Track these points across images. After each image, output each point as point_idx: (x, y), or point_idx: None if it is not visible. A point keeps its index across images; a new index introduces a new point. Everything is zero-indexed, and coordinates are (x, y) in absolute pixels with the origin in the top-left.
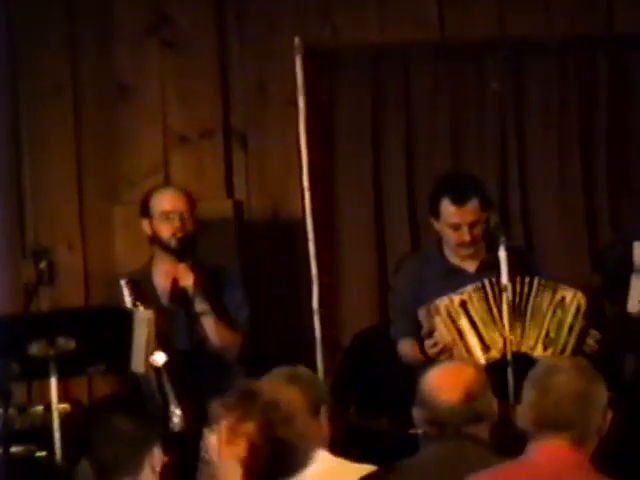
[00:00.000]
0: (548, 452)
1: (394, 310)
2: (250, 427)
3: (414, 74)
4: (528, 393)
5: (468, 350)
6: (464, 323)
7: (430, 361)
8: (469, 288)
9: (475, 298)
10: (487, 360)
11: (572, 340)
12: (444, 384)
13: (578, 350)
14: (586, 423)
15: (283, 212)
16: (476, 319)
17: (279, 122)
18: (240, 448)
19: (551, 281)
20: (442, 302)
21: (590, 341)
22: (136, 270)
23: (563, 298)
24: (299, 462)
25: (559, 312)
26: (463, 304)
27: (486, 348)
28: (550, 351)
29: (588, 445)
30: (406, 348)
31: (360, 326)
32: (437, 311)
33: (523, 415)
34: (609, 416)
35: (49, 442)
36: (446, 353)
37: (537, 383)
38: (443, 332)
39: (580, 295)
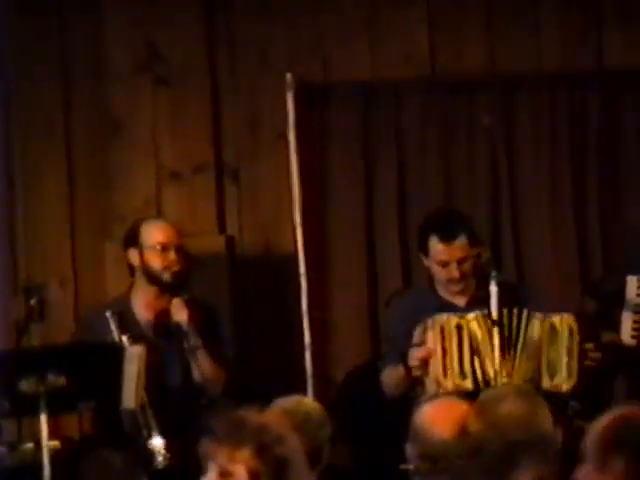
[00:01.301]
0: None
1: (384, 345)
2: (246, 454)
3: (405, 109)
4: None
5: (444, 370)
6: (453, 344)
7: (410, 379)
8: (470, 315)
9: (471, 326)
10: (457, 387)
11: (574, 362)
12: (437, 418)
13: (581, 368)
14: None
15: (275, 247)
16: (464, 346)
17: (271, 157)
18: (241, 477)
19: (536, 312)
20: (440, 318)
21: (591, 355)
22: (114, 299)
23: (553, 325)
24: (301, 476)
25: (555, 341)
26: (458, 327)
27: (462, 375)
28: (558, 379)
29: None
30: (388, 372)
31: (351, 361)
32: (432, 325)
33: None
34: (559, 437)
35: (39, 479)
36: (425, 367)
37: (484, 414)
38: (431, 344)
39: (567, 316)
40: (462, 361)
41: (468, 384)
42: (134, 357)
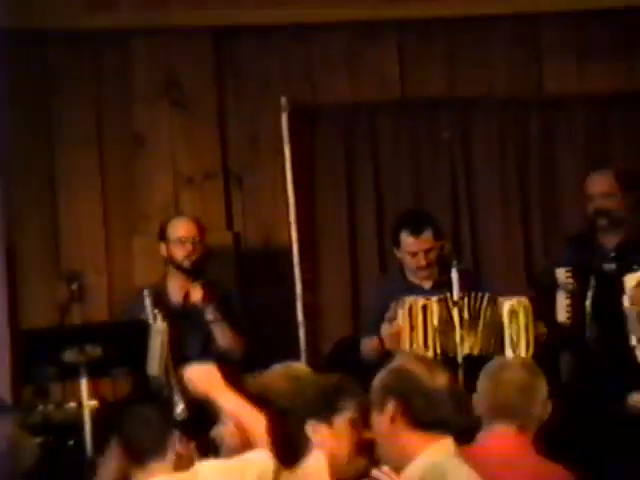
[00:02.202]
0: (497, 438)
1: (364, 321)
2: None
3: (379, 126)
4: (483, 385)
5: (411, 343)
6: (419, 322)
7: (383, 349)
8: (434, 298)
9: (435, 307)
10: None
11: (531, 337)
12: None
13: (536, 342)
14: (529, 413)
15: (274, 242)
16: (429, 323)
17: (269, 167)
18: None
19: (495, 295)
20: (409, 299)
21: (541, 330)
22: (151, 285)
23: (511, 307)
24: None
25: (514, 320)
26: (424, 307)
27: (426, 348)
28: (519, 352)
29: (530, 431)
30: (365, 342)
31: (337, 336)
32: (403, 304)
33: (478, 403)
34: (549, 407)
35: (81, 433)
36: (396, 340)
37: (490, 378)
38: (400, 321)
39: (523, 299)
40: (426, 336)
41: (430, 354)
42: (158, 332)
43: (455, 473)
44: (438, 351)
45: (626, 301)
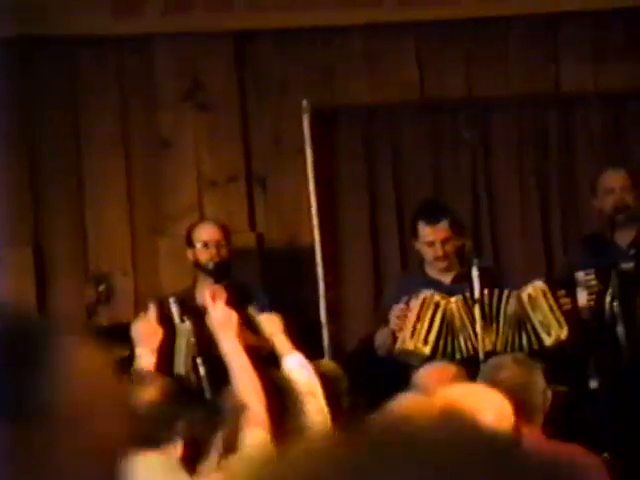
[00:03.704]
0: None
1: (382, 316)
2: None
3: (399, 126)
4: None
5: (413, 334)
6: (427, 316)
7: (394, 337)
8: (452, 298)
9: (449, 307)
10: (415, 349)
11: (558, 314)
12: (431, 378)
13: (566, 316)
14: (530, 405)
15: (296, 242)
16: (435, 321)
17: (291, 169)
18: None
19: (513, 291)
20: (426, 292)
21: (563, 300)
22: (182, 291)
23: (529, 295)
24: None
25: (536, 306)
26: (436, 304)
27: (425, 342)
28: (554, 333)
29: (536, 420)
30: (379, 333)
31: (360, 334)
32: (418, 296)
33: None
34: (549, 395)
35: None
36: (400, 323)
37: (487, 379)
38: (411, 307)
39: (537, 283)
40: (430, 331)
41: (426, 350)
42: (184, 333)
43: None
44: (439, 349)
45: None
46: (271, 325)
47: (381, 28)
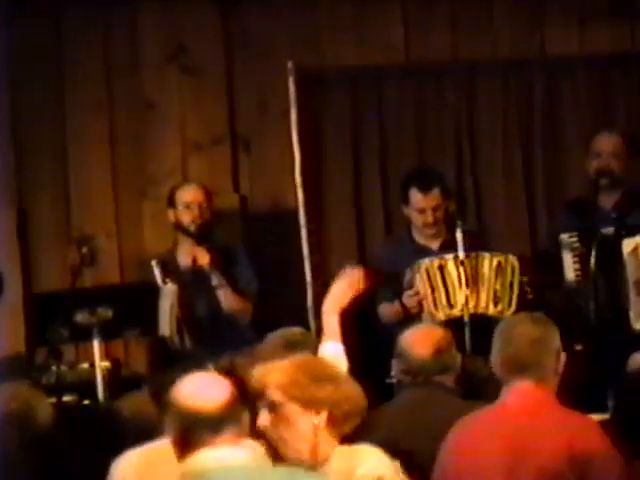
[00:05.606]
0: (516, 391)
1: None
2: None
3: (385, 90)
4: (496, 343)
5: (435, 304)
6: (438, 282)
7: (405, 314)
8: (449, 256)
9: (450, 264)
10: (448, 316)
11: (515, 295)
12: (417, 340)
13: (522, 301)
14: (543, 364)
15: (280, 204)
16: (448, 281)
17: (276, 131)
18: None
19: (485, 252)
20: (424, 262)
21: (525, 287)
22: (163, 252)
23: (499, 262)
24: None
25: (500, 275)
26: (440, 267)
27: (450, 306)
28: (500, 307)
29: (549, 383)
30: (385, 309)
31: None
32: (419, 269)
33: (494, 362)
34: (563, 358)
35: (94, 392)
36: (418, 304)
37: (502, 334)
38: (420, 285)
39: (511, 257)
40: (448, 294)
41: (456, 312)
42: (167, 294)
43: None
44: (466, 309)
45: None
46: (331, 303)
47: None
